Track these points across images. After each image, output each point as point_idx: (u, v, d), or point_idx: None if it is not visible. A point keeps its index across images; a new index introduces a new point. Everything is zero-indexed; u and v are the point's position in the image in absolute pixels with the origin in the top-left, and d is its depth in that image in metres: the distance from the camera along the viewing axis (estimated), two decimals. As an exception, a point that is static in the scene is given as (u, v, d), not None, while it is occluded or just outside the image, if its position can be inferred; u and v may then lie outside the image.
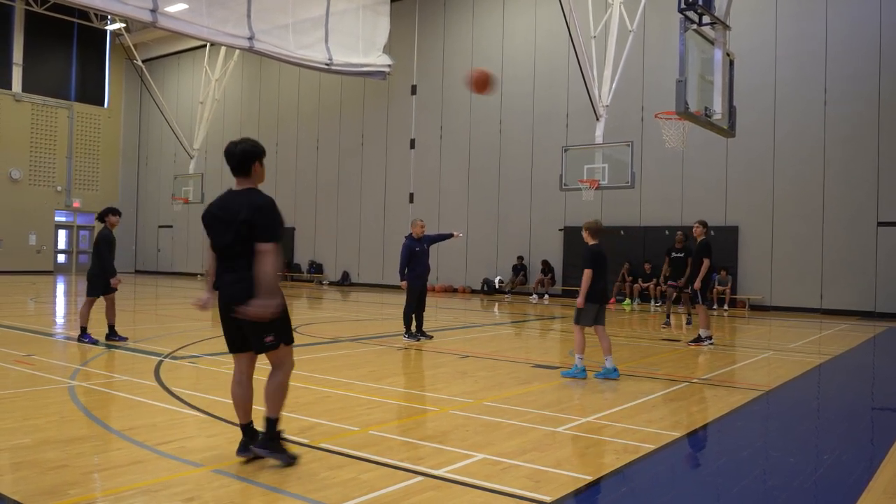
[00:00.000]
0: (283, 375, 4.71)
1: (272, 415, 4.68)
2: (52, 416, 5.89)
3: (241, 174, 4.68)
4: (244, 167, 4.66)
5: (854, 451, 5.55)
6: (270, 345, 4.61)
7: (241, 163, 4.65)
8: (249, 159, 4.65)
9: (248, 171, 4.67)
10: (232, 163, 4.67)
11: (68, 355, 9.55)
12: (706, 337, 11.35)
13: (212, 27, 18.18)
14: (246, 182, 4.68)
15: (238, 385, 4.78)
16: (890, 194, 17.91)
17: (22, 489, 4.10)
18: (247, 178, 4.68)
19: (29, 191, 33.07)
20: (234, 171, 4.69)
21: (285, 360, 4.72)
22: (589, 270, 8.21)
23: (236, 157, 4.65)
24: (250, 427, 4.76)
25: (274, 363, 4.72)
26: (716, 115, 10.42)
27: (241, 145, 4.67)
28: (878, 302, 17.99)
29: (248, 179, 4.69)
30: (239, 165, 4.66)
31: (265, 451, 4.62)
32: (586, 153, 16.40)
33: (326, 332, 12.59)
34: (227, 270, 4.60)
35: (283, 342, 4.67)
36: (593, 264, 8.23)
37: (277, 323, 4.59)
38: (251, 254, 4.44)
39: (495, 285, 24.13)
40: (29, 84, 32.94)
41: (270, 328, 4.57)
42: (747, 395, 7.49)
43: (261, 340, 4.59)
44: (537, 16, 23.78)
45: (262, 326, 4.52)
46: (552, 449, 5.24)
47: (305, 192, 30.37)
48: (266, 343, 4.59)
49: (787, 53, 19.37)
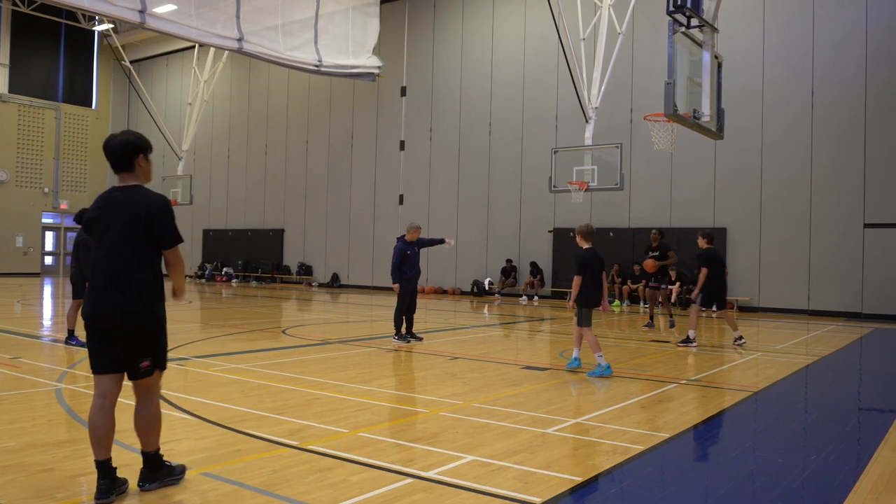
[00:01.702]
0: (155, 405, 4.18)
1: (152, 448, 4.16)
2: (39, 420, 5.85)
3: (123, 169, 4.16)
4: (127, 161, 4.14)
5: (841, 452, 5.59)
6: (145, 371, 4.08)
7: (123, 156, 4.14)
8: (131, 153, 4.14)
9: (131, 166, 4.16)
10: (111, 158, 4.15)
11: (55, 358, 9.48)
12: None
13: (200, 28, 18.10)
14: (130, 178, 4.17)
15: (101, 412, 4.05)
16: (876, 196, 18.06)
17: (8, 493, 4.07)
18: (130, 173, 4.17)
19: (16, 192, 32.83)
20: (114, 166, 4.17)
21: (154, 387, 4.18)
22: (578, 277, 8.58)
23: (117, 150, 4.13)
24: (108, 465, 3.99)
25: (141, 390, 4.14)
26: (704, 118, 10.46)
27: (121, 136, 4.17)
28: (864, 303, 18.12)
29: (132, 175, 4.17)
30: (121, 160, 4.14)
31: (156, 483, 4.13)
32: (575, 155, 16.44)
33: (316, 334, 12.56)
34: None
35: (159, 368, 4.16)
36: (581, 271, 8.57)
37: (159, 346, 4.14)
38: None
39: (485, 287, 24.15)
40: (16, 85, 32.72)
41: (149, 351, 4.08)
42: (736, 396, 7.53)
43: (136, 364, 4.05)
44: (527, 18, 23.83)
45: (141, 348, 4.04)
46: (542, 450, 5.25)
47: (295, 193, 30.30)
48: (141, 369, 4.06)
49: (774, 57, 19.51)
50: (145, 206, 4.03)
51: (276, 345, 11.29)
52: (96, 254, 4.09)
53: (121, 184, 4.17)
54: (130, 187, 4.13)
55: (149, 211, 4.03)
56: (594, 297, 8.66)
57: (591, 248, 8.77)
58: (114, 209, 4.06)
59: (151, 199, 4.08)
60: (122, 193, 4.11)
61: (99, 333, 4.04)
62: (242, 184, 32.14)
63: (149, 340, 4.06)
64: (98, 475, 3.97)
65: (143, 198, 4.07)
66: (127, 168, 4.15)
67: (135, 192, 4.11)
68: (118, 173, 4.17)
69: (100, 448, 3.98)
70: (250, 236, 31.53)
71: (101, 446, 3.98)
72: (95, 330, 4.05)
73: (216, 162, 33.21)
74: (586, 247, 8.75)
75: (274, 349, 10.65)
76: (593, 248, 8.78)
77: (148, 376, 4.09)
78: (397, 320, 11.41)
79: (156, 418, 4.18)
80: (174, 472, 4.25)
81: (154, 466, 4.17)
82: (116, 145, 4.13)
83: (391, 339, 11.47)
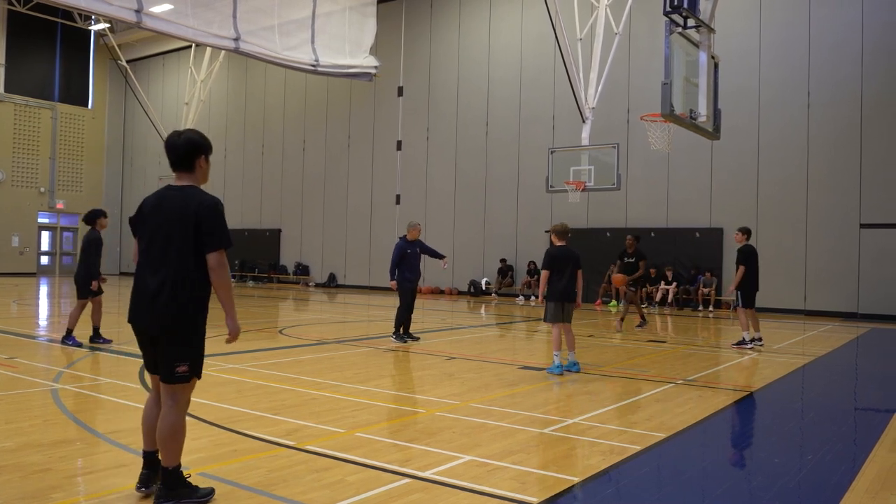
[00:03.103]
0: (178, 415, 3.95)
1: (171, 464, 3.92)
2: (36, 420, 5.84)
3: (182, 168, 4.08)
4: (188, 161, 4.07)
5: (838, 451, 5.60)
6: (181, 376, 3.94)
7: (186, 155, 4.06)
8: (194, 152, 4.07)
9: (191, 167, 4.09)
10: (173, 156, 4.06)
11: (52, 358, 9.46)
12: (751, 339, 11.47)
13: (197, 28, 18.06)
14: (187, 178, 4.09)
15: (156, 403, 4.08)
16: (872, 197, 18.10)
17: (4, 494, 4.06)
18: (189, 173, 4.09)
19: (12, 192, 32.74)
20: (174, 164, 4.08)
21: (183, 396, 3.99)
22: (545, 272, 8.79)
23: (180, 149, 4.04)
24: (155, 456, 4.05)
25: (169, 396, 3.96)
26: (701, 118, 10.47)
27: (186, 135, 4.08)
28: (860, 303, 18.16)
29: (190, 176, 4.09)
30: (183, 158, 4.06)
31: (172, 503, 3.87)
32: (572, 155, 16.44)
33: (313, 334, 12.56)
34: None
35: (196, 375, 4.00)
36: (547, 266, 8.79)
37: (197, 351, 3.99)
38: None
39: (482, 287, 24.15)
40: (12, 84, 32.63)
41: (187, 355, 3.94)
42: (732, 396, 7.54)
43: (172, 368, 3.92)
44: (523, 18, 23.84)
45: (179, 351, 3.91)
46: (539, 450, 5.25)
47: (292, 193, 30.27)
48: (177, 374, 3.92)
49: (771, 57, 19.54)
50: (196, 204, 3.93)
51: (272, 345, 11.28)
52: (142, 253, 4.03)
53: (177, 182, 4.07)
54: (185, 187, 4.04)
55: (199, 209, 3.91)
56: (562, 293, 8.72)
57: (564, 245, 8.89)
58: (165, 208, 3.98)
59: (203, 198, 3.97)
60: (176, 192, 4.02)
61: (142, 336, 4.02)
62: (239, 183, 32.10)
63: (185, 345, 3.93)
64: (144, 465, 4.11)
65: (195, 197, 3.97)
66: (187, 168, 4.07)
67: (189, 191, 4.02)
68: (176, 171, 4.08)
69: (149, 438, 4.08)
70: (247, 236, 31.49)
71: (150, 437, 4.07)
72: (138, 332, 4.03)
73: (213, 162, 31.99)
74: (559, 244, 8.87)
75: (271, 349, 10.64)
76: (566, 246, 8.89)
77: (184, 382, 3.94)
78: (399, 320, 11.39)
79: (176, 431, 3.93)
80: (197, 494, 3.96)
81: (171, 484, 3.90)
82: (181, 144, 4.04)
83: (389, 338, 11.48)
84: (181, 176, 4.07)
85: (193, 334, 3.96)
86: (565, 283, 8.70)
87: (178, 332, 3.91)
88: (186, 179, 4.07)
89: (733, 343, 11.72)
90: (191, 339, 3.95)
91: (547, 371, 8.66)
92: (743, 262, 11.48)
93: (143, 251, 4.02)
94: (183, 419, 3.99)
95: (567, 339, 8.86)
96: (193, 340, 3.96)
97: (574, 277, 8.75)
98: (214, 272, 3.92)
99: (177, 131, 4.12)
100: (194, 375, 3.98)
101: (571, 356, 8.87)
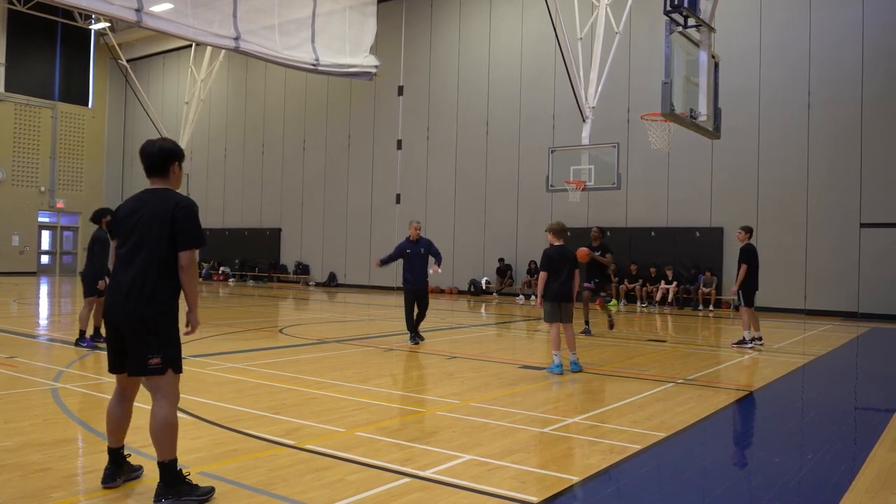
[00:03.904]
0: (168, 409, 4.01)
1: (166, 458, 3.98)
2: (35, 419, 5.84)
3: (157, 174, 4.26)
4: (163, 167, 4.25)
5: (838, 451, 5.60)
6: (154, 368, 4.00)
7: (161, 162, 4.24)
8: (168, 159, 4.25)
9: (166, 172, 4.26)
10: (148, 161, 4.25)
11: (52, 357, 9.46)
12: (751, 339, 11.45)
13: (197, 27, 18.05)
14: (162, 183, 4.27)
15: (119, 402, 4.24)
16: (872, 196, 18.10)
17: (4, 493, 4.06)
18: (163, 178, 4.27)
19: (12, 191, 32.74)
20: (148, 170, 4.27)
21: (168, 389, 4.05)
22: (543, 273, 8.75)
23: (155, 156, 4.23)
24: (120, 453, 4.23)
25: (152, 390, 4.05)
26: (701, 117, 10.47)
27: (160, 143, 4.28)
28: (860, 302, 18.16)
29: (165, 180, 4.27)
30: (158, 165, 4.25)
31: (171, 500, 3.91)
32: (573, 154, 16.43)
33: (313, 334, 12.56)
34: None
35: (172, 368, 4.06)
36: (545, 268, 8.75)
37: (170, 343, 4.08)
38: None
39: (482, 286, 24.15)
40: (12, 83, 32.62)
41: (158, 347, 4.01)
42: (733, 396, 7.54)
43: (144, 360, 3.99)
44: (524, 18, 23.83)
45: (150, 343, 4.00)
46: (539, 450, 5.25)
47: (292, 192, 30.26)
48: (150, 366, 3.99)
49: (772, 57, 19.53)
50: (172, 204, 4.12)
51: (273, 344, 11.29)
52: (117, 255, 4.19)
53: (152, 186, 4.28)
54: (160, 189, 4.24)
55: (175, 209, 4.10)
56: (558, 293, 8.69)
57: (561, 245, 8.85)
58: (142, 208, 4.16)
59: (180, 199, 4.17)
60: (152, 195, 4.22)
61: (114, 332, 4.13)
62: (239, 183, 32.10)
63: (156, 336, 4.03)
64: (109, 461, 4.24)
65: (172, 198, 4.17)
66: (161, 173, 4.26)
67: (165, 193, 4.21)
68: (151, 177, 4.28)
69: (114, 435, 4.24)
70: (247, 235, 31.49)
71: (114, 435, 4.24)
72: (110, 328, 4.15)
73: (213, 161, 33.16)
74: (556, 244, 8.82)
75: (271, 348, 10.64)
76: (563, 246, 8.85)
77: (158, 374, 4.00)
78: (408, 322, 11.33)
79: (168, 426, 3.99)
80: (197, 493, 3.99)
81: (170, 480, 3.95)
82: (156, 151, 4.24)
83: (391, 339, 11.47)
84: (156, 181, 4.27)
85: (165, 327, 4.06)
86: (562, 282, 8.69)
87: (150, 324, 4.02)
88: (161, 184, 4.27)
89: (733, 342, 11.72)
90: (162, 331, 4.04)
91: (547, 370, 8.66)
92: (745, 261, 11.46)
93: (119, 250, 4.20)
94: (174, 413, 4.05)
95: (567, 339, 8.84)
96: (165, 333, 4.05)
97: (571, 277, 8.74)
98: (184, 270, 4.11)
99: (151, 140, 4.33)
100: (170, 368, 4.05)
101: (572, 355, 8.86)
